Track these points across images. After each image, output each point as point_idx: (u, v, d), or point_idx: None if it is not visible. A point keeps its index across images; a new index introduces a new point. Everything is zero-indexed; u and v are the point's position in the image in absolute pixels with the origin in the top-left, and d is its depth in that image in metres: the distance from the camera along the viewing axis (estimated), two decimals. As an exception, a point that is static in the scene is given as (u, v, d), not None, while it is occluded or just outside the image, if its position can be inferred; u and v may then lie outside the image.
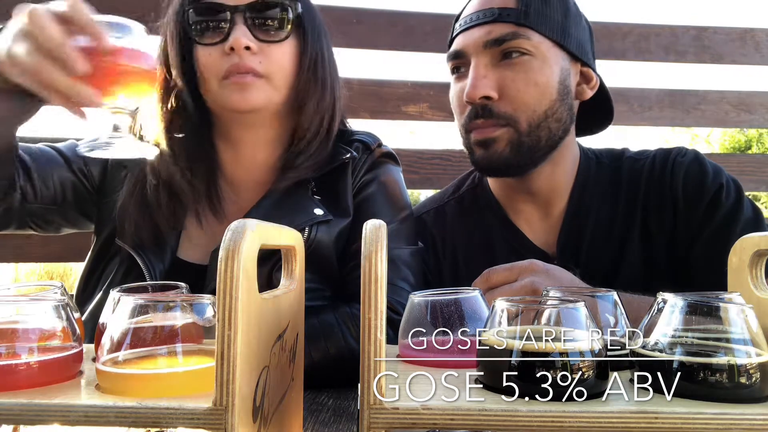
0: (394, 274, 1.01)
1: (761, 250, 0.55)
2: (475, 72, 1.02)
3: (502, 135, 1.03)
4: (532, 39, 1.01)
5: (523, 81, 1.01)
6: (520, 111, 1.01)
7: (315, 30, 1.04)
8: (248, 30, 0.96)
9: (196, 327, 0.46)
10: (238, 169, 1.09)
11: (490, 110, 1.02)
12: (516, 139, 1.02)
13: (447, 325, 0.53)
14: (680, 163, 1.07)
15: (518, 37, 1.01)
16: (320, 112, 1.04)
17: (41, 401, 0.40)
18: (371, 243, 0.42)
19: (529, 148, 1.03)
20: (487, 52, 1.02)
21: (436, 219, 1.21)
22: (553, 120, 1.03)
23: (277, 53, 0.99)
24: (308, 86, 1.03)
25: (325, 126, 1.06)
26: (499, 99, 1.01)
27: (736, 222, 1.00)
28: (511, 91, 1.01)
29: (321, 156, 1.05)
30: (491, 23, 1.02)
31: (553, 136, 1.05)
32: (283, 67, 1.00)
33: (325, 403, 0.81)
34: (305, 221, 0.99)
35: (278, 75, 0.99)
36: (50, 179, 1.03)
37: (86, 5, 0.74)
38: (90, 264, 1.06)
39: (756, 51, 1.92)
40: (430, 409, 0.40)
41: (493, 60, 1.02)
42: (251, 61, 0.96)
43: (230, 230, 0.41)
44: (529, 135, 1.02)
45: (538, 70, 1.01)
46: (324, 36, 1.07)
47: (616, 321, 0.54)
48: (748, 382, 0.42)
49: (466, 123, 1.06)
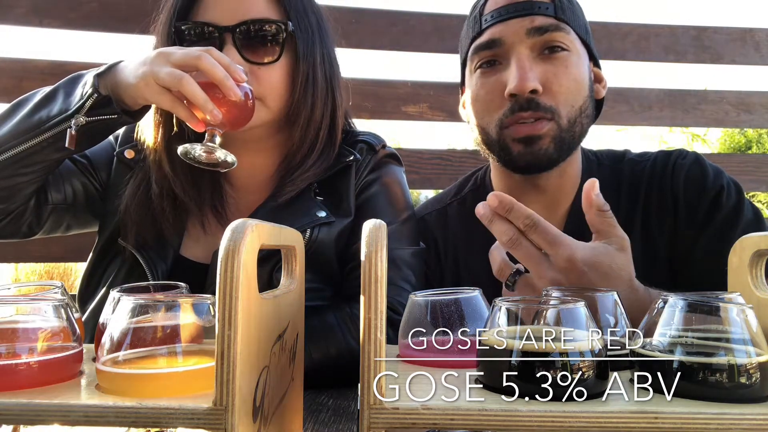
0: (395, 275, 1.01)
1: (761, 250, 0.55)
2: (522, 63, 0.99)
3: (548, 131, 1.00)
4: (570, 34, 1.01)
5: (564, 75, 1.00)
6: (561, 105, 1.00)
7: (309, 43, 1.02)
8: (237, 52, 0.96)
9: (196, 327, 0.46)
10: (241, 173, 1.09)
11: (537, 103, 0.99)
12: (558, 135, 1.01)
13: (447, 325, 0.53)
14: (681, 165, 1.07)
15: (560, 29, 1.00)
16: (314, 124, 1.03)
17: (41, 401, 0.40)
18: (371, 243, 0.42)
19: (568, 144, 1.02)
20: (529, 43, 1.00)
21: (438, 220, 1.21)
22: (584, 116, 1.03)
23: (269, 75, 0.98)
24: (300, 104, 1.01)
25: (322, 137, 1.05)
26: (542, 93, 0.99)
27: (737, 223, 0.99)
28: (554, 86, 0.99)
29: (321, 167, 1.05)
30: (531, 15, 1.00)
31: (583, 132, 1.05)
32: (275, 87, 0.99)
33: (325, 403, 0.81)
34: (307, 223, 0.99)
35: (271, 96, 0.99)
36: (60, 182, 1.04)
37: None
38: (92, 263, 1.07)
39: (756, 51, 1.92)
40: (430, 409, 0.40)
41: (534, 53, 1.00)
42: None
43: (230, 230, 0.41)
44: (568, 131, 1.01)
45: (575, 65, 1.01)
46: (320, 43, 1.04)
47: (616, 321, 0.55)
48: (748, 382, 0.42)
49: (505, 117, 1.01)
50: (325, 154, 1.06)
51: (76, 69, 0.96)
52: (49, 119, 0.91)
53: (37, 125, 0.91)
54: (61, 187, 1.04)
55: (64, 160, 0.99)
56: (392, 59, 1.83)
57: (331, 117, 1.06)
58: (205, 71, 0.85)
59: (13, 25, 1.59)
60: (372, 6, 1.82)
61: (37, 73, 1.57)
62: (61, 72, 1.56)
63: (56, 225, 1.07)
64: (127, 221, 1.02)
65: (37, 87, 0.98)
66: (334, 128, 1.07)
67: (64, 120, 0.90)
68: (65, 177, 1.04)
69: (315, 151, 1.04)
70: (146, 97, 0.89)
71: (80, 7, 1.61)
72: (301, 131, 1.03)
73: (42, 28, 1.59)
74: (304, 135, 1.03)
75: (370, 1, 1.87)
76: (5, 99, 1.57)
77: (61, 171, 1.04)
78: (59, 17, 1.61)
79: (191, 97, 0.84)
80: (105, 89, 0.91)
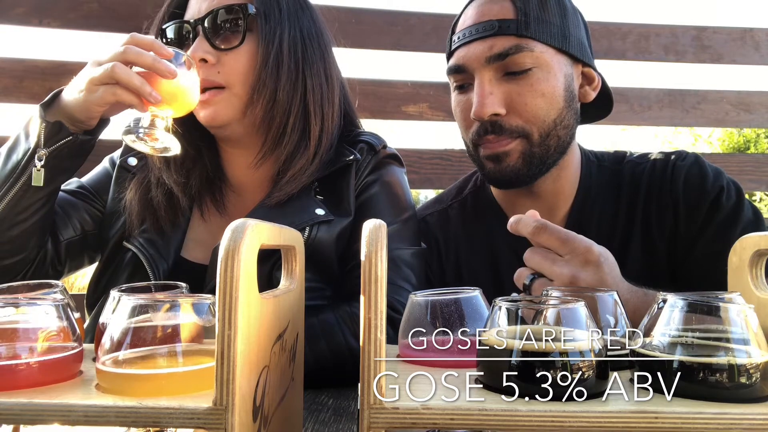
0: (396, 274, 1.01)
1: (761, 250, 0.55)
2: (481, 89, 1.00)
3: (515, 147, 1.01)
4: (535, 50, 0.99)
5: (530, 94, 0.99)
6: (531, 123, 1.00)
7: (273, 24, 0.99)
8: (206, 41, 0.97)
9: (196, 327, 0.46)
10: (239, 171, 1.10)
11: (500, 126, 1.00)
12: (528, 150, 1.01)
13: (447, 325, 0.53)
14: (681, 167, 1.07)
15: (521, 50, 0.99)
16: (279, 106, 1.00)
17: (41, 401, 0.40)
18: (371, 243, 0.42)
19: (539, 159, 1.03)
20: (491, 68, 1.00)
21: (440, 221, 1.21)
22: (561, 128, 1.03)
23: (235, 60, 0.98)
24: (261, 86, 0.99)
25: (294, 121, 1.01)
26: (507, 114, 1.00)
27: (737, 224, 1.00)
28: (519, 105, 1.00)
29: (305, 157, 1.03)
30: (492, 37, 1.00)
31: (562, 143, 1.05)
32: (241, 72, 0.98)
33: (325, 403, 0.81)
34: (306, 221, 0.99)
35: (238, 81, 0.99)
36: (67, 219, 1.07)
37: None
38: (100, 268, 1.08)
39: (755, 51, 1.92)
40: (430, 409, 0.40)
41: (497, 74, 1.00)
42: (210, 74, 0.97)
43: (230, 230, 0.41)
44: (540, 145, 1.02)
45: (544, 80, 1.00)
46: (291, 24, 1.01)
47: (616, 321, 0.54)
48: (748, 382, 0.42)
49: (474, 138, 1.04)
50: (304, 141, 1.02)
51: (76, 69, 0.96)
52: (19, 163, 0.92)
53: (11, 172, 0.92)
54: (68, 223, 1.06)
55: (57, 195, 1.00)
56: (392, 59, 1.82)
57: (302, 101, 1.02)
58: (133, 62, 0.87)
59: (13, 25, 1.59)
60: (372, 6, 1.82)
61: (37, 73, 1.57)
62: (61, 72, 1.57)
63: (77, 259, 1.09)
64: (130, 222, 1.03)
65: (37, 87, 0.99)
66: (307, 113, 1.03)
67: (30, 159, 0.92)
68: (70, 213, 1.07)
69: (287, 137, 1.01)
70: (92, 102, 0.89)
71: (80, 7, 1.61)
72: (264, 112, 1.00)
73: (42, 28, 1.59)
74: (271, 117, 1.00)
75: (370, 1, 1.87)
76: (5, 99, 1.58)
77: (66, 209, 1.06)
78: (59, 17, 1.61)
79: (126, 83, 0.86)
80: (55, 116, 0.92)
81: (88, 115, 0.92)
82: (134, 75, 0.86)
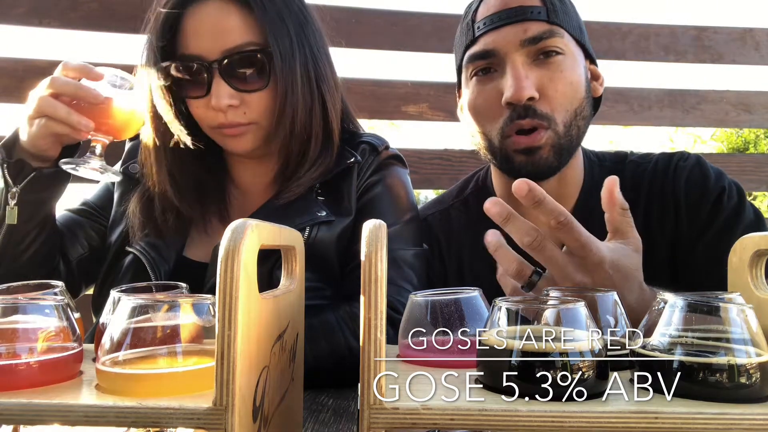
0: (397, 275, 1.01)
1: (761, 250, 0.55)
2: (517, 72, 0.98)
3: (547, 140, 1.00)
4: (564, 37, 1.00)
5: (560, 80, 0.99)
6: (557, 111, 1.00)
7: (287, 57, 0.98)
8: (227, 84, 0.95)
9: (196, 327, 0.46)
10: (245, 174, 1.11)
11: (534, 110, 0.99)
12: (557, 142, 1.00)
13: (447, 325, 0.53)
14: (682, 168, 1.07)
15: (553, 35, 0.99)
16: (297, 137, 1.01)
17: (41, 401, 0.40)
18: (371, 243, 0.42)
19: (566, 150, 1.02)
20: (524, 51, 0.99)
21: (441, 221, 1.21)
22: (580, 118, 1.02)
23: (259, 100, 0.98)
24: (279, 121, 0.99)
25: (315, 142, 1.03)
26: (539, 99, 0.99)
27: (738, 224, 1.00)
28: (550, 91, 0.99)
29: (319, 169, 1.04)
30: (524, 21, 0.99)
31: (581, 134, 1.04)
32: (266, 108, 0.99)
33: (325, 403, 0.81)
34: (307, 221, 0.99)
35: (263, 117, 0.99)
36: (74, 239, 1.10)
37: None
38: (104, 272, 1.09)
39: (756, 51, 1.92)
40: (430, 409, 0.40)
41: (529, 59, 0.99)
42: (236, 116, 0.97)
43: (230, 230, 0.41)
44: (565, 136, 1.01)
45: (571, 68, 1.00)
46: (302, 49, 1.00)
47: (616, 321, 0.54)
48: (748, 382, 0.42)
49: (505, 126, 1.01)
50: (323, 156, 1.04)
51: (76, 69, 0.96)
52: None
53: None
54: (75, 242, 1.09)
55: (52, 221, 1.03)
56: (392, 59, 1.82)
57: (323, 120, 1.04)
58: (59, 93, 0.89)
59: (13, 25, 1.59)
60: (372, 6, 1.81)
61: (37, 73, 1.55)
62: (61, 72, 1.57)
63: (90, 274, 1.11)
64: (131, 225, 1.04)
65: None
66: (329, 132, 1.05)
67: (6, 200, 0.94)
68: (76, 232, 1.10)
69: (309, 156, 1.03)
70: (34, 137, 0.91)
71: (80, 7, 1.61)
72: (290, 135, 1.01)
73: (42, 28, 1.59)
74: (293, 136, 1.01)
75: (370, 1, 1.87)
76: (5, 99, 1.58)
77: (72, 229, 1.10)
78: (59, 17, 1.60)
79: (52, 115, 0.88)
80: (19, 153, 0.94)
81: (38, 149, 0.93)
82: (59, 106, 0.87)
